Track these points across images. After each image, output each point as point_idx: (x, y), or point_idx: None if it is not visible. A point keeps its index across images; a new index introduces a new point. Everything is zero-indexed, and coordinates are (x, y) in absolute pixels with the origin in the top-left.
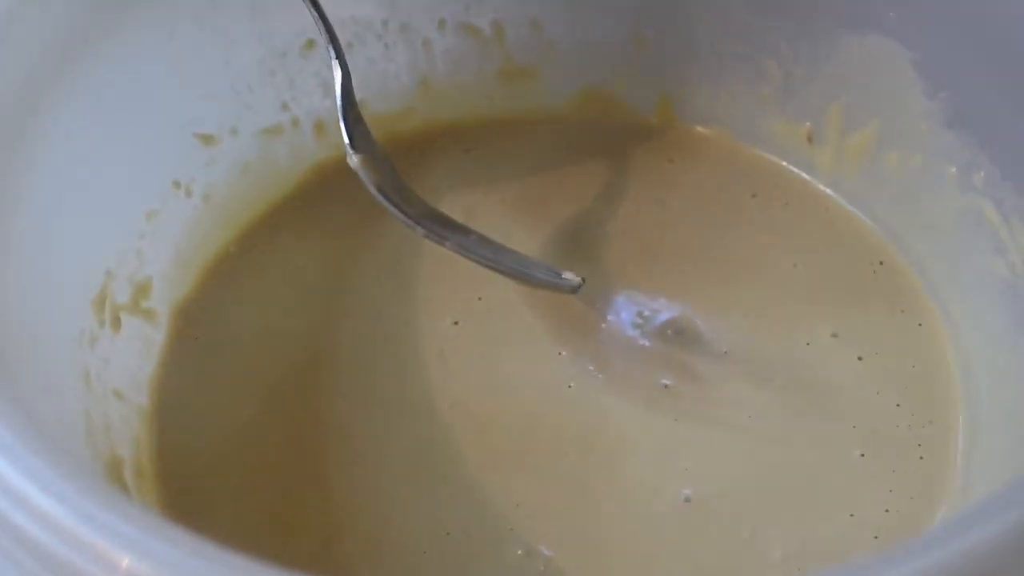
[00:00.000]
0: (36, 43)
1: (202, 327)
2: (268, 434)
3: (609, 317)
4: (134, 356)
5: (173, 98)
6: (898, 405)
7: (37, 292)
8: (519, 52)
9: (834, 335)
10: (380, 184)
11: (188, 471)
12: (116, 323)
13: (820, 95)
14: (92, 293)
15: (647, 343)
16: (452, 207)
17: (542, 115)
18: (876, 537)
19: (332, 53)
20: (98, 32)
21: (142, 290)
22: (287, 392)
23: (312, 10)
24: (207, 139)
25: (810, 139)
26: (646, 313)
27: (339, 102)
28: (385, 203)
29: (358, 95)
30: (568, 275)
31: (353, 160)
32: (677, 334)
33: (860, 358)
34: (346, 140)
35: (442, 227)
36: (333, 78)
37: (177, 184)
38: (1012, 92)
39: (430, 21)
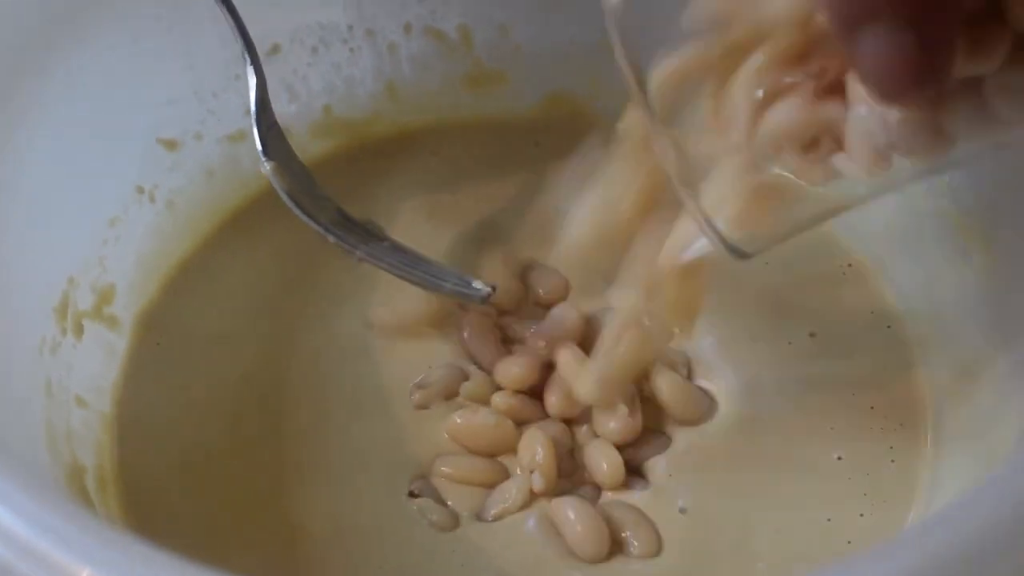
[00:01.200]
0: None
1: (164, 333)
2: (228, 440)
3: None
4: (96, 363)
5: (136, 103)
6: (872, 408)
7: None
8: (486, 56)
9: (812, 334)
10: (292, 191)
11: (150, 478)
12: (78, 330)
13: None
14: (54, 300)
15: None
16: (417, 209)
17: (510, 118)
18: (849, 542)
19: (247, 58)
20: (60, 36)
21: (105, 297)
22: (248, 397)
23: (226, 13)
24: (171, 144)
25: None
26: None
27: (253, 108)
28: (296, 210)
29: (323, 100)
30: (478, 284)
31: (265, 167)
32: None
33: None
34: (259, 147)
35: (354, 236)
36: (248, 84)
37: (140, 189)
38: None
39: (396, 25)
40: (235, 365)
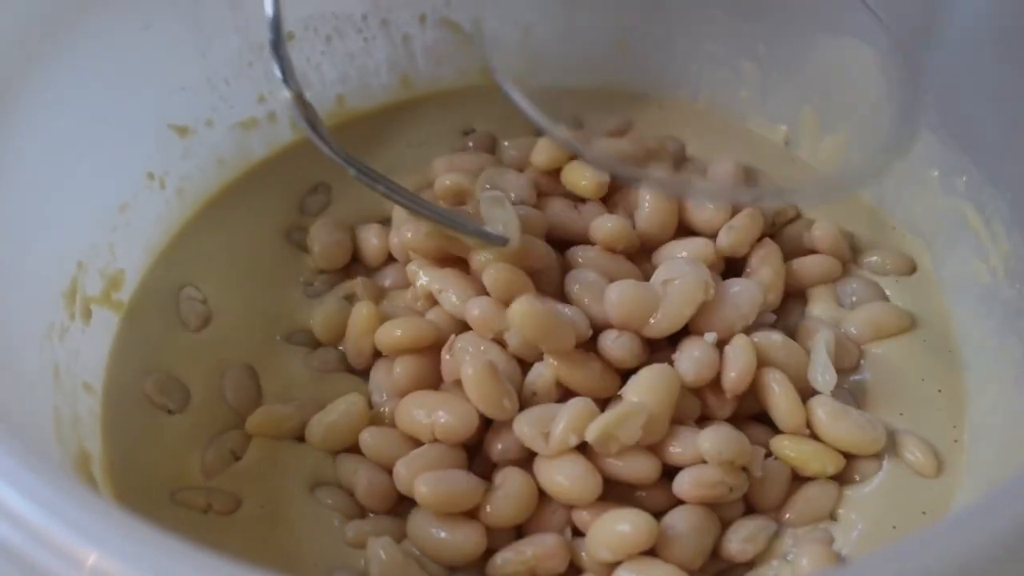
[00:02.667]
0: (7, 31)
1: (170, 320)
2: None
3: None
4: (104, 349)
5: (148, 89)
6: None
7: (7, 285)
8: None
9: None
10: (312, 121)
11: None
12: (87, 315)
13: (796, 97)
14: (63, 286)
15: None
16: None
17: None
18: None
19: None
20: (72, 21)
21: (114, 283)
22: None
23: None
24: (182, 131)
25: (787, 142)
26: None
27: (271, 33)
28: (317, 140)
29: (337, 89)
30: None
31: (290, 93)
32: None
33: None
34: (279, 74)
35: (374, 173)
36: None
37: (151, 176)
38: (995, 96)
39: (411, 16)
40: (239, 351)
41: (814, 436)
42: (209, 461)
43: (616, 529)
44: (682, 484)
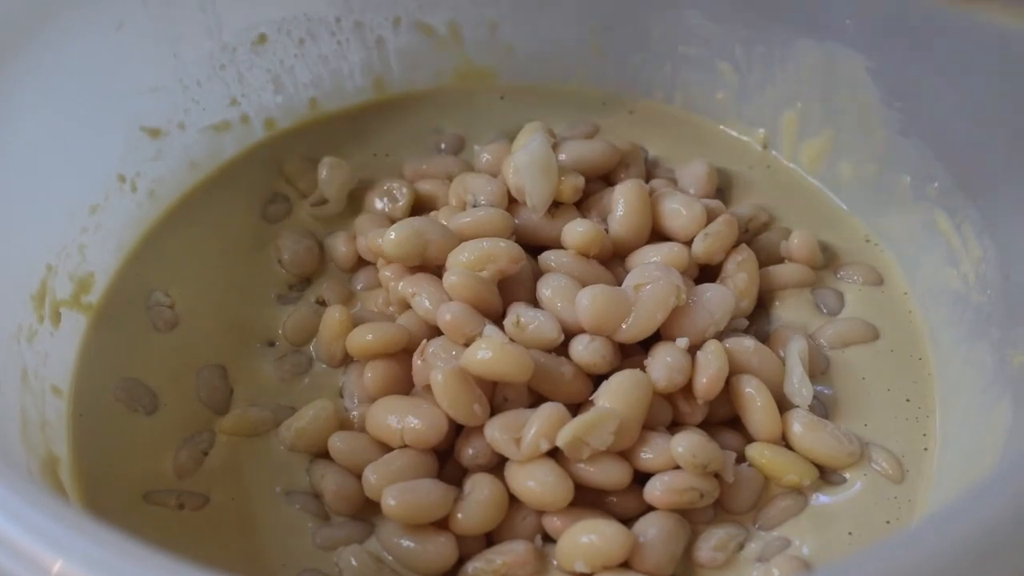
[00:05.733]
0: None
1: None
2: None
3: None
4: (73, 352)
5: (120, 90)
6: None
7: None
8: (476, 53)
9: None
10: None
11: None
12: (56, 318)
13: (776, 101)
14: (32, 288)
15: None
16: None
17: None
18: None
19: None
20: (43, 21)
21: (83, 285)
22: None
23: None
24: (154, 132)
25: (765, 145)
26: None
27: None
28: None
29: (310, 92)
30: None
31: None
32: None
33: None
34: None
35: None
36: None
37: (122, 178)
38: (967, 102)
39: (385, 19)
40: (210, 354)
41: (788, 447)
42: (181, 462)
43: (592, 541)
44: (653, 490)
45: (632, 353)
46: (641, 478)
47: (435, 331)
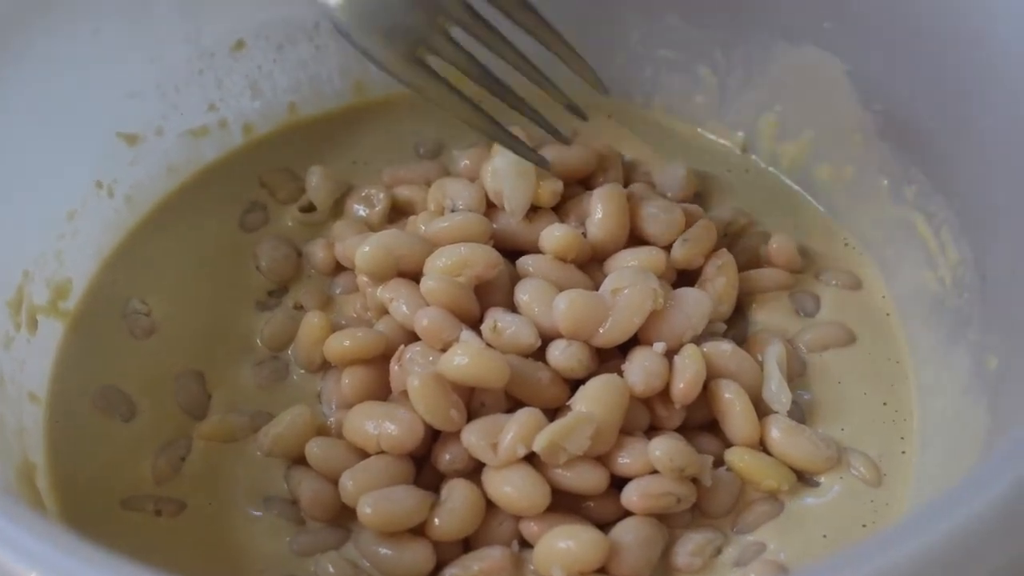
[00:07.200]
0: None
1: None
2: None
3: None
4: (50, 358)
5: (97, 95)
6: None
7: None
8: None
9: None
10: None
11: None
12: (32, 325)
13: (754, 104)
14: (8, 295)
15: None
16: None
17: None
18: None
19: None
20: (19, 26)
21: (60, 292)
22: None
23: None
24: (131, 138)
25: (744, 149)
26: None
27: None
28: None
29: (289, 97)
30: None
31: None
32: None
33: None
34: None
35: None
36: None
37: (99, 184)
38: (945, 105)
39: None
40: (188, 360)
41: (766, 452)
42: (159, 468)
43: (568, 547)
44: (630, 495)
45: (609, 357)
46: (618, 483)
47: (413, 336)
